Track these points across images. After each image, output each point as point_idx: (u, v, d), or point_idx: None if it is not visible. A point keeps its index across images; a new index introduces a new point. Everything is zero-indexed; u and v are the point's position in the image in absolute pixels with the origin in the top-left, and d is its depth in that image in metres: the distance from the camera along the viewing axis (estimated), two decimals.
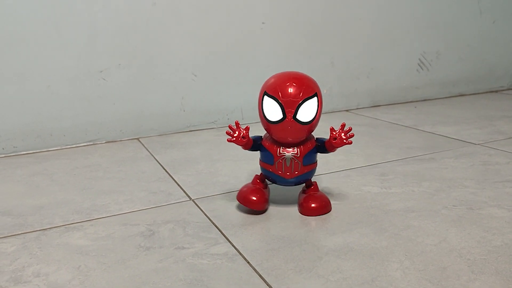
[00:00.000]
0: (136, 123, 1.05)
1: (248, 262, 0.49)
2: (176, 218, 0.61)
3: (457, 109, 1.22)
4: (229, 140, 0.57)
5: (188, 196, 0.68)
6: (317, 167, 0.61)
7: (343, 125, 0.58)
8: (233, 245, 0.52)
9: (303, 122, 0.56)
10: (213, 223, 0.58)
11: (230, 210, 0.62)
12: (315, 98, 0.56)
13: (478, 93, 1.45)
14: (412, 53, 1.33)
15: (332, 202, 0.63)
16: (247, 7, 1.10)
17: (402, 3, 1.28)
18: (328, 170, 0.77)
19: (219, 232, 0.56)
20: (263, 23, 1.12)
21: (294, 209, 0.62)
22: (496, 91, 1.48)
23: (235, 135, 0.57)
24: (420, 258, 0.48)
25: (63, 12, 0.93)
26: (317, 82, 1.22)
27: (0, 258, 0.51)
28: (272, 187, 0.68)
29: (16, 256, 0.52)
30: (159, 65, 1.04)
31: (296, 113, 0.55)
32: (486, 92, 1.46)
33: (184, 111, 1.09)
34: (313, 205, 0.59)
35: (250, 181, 0.63)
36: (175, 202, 0.66)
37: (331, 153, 0.60)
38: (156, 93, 1.05)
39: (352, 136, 0.57)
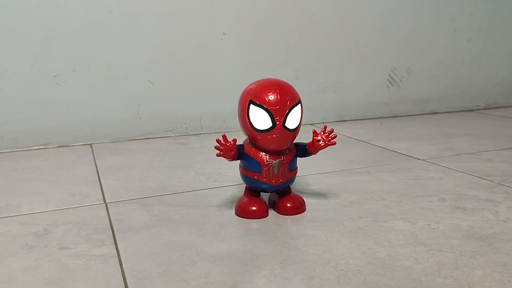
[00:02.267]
0: (90, 128, 1.05)
1: (121, 265, 0.48)
2: (78, 219, 0.60)
3: (423, 126, 1.20)
4: (218, 155, 0.56)
5: (104, 199, 0.68)
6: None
7: (325, 127, 0.59)
8: (116, 248, 0.52)
9: (291, 129, 0.56)
10: (111, 226, 0.58)
11: (136, 214, 0.62)
12: (299, 105, 0.57)
13: (453, 111, 1.43)
14: (381, 69, 1.32)
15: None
16: (208, 17, 1.10)
17: (372, 18, 1.27)
18: None
19: (111, 235, 0.55)
20: (224, 33, 1.13)
21: (199, 212, 0.61)
22: (472, 110, 1.46)
23: (222, 148, 0.56)
24: (294, 267, 0.46)
25: (17, 15, 0.95)
26: None
27: None
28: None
29: None
30: (115, 72, 1.05)
31: (285, 120, 0.55)
32: (462, 111, 1.44)
33: (140, 118, 1.09)
34: (288, 205, 0.60)
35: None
36: (87, 204, 0.66)
37: (315, 153, 0.60)
38: (112, 99, 1.06)
39: (335, 137, 0.58)
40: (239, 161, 0.60)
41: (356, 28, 1.26)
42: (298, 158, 0.61)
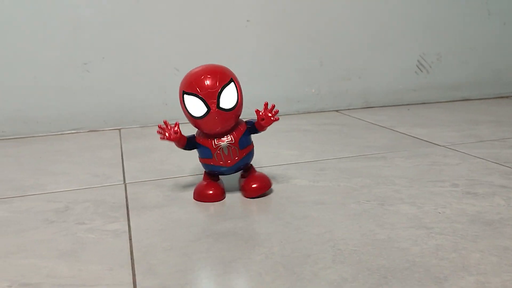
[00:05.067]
0: (119, 114, 1.10)
1: (130, 239, 0.51)
2: (97, 198, 0.64)
3: (450, 113, 1.17)
4: (161, 138, 0.58)
5: (124, 180, 0.71)
6: (254, 150, 0.63)
7: (266, 104, 0.59)
8: (128, 224, 0.55)
9: (228, 109, 0.57)
10: (127, 204, 0.61)
11: (151, 194, 0.65)
12: (232, 83, 0.58)
13: (486, 98, 1.38)
14: (410, 55, 1.29)
15: None
16: (232, 4, 1.12)
17: (399, 3, 1.25)
18: (272, 163, 0.78)
19: (125, 213, 0.58)
20: (247, 20, 1.14)
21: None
22: (507, 97, 1.41)
23: (166, 133, 0.58)
24: (293, 245, 0.48)
25: (49, 6, 1.00)
26: (305, 81, 1.22)
27: None
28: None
29: None
30: (143, 59, 1.09)
31: (219, 102, 0.56)
32: (494, 98, 1.39)
33: (166, 104, 1.12)
34: (254, 185, 0.61)
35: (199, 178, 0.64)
36: (108, 184, 0.70)
37: (262, 132, 0.61)
38: (139, 86, 1.10)
39: (277, 112, 0.59)
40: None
41: (383, 13, 1.24)
42: (254, 134, 0.62)
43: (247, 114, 1.17)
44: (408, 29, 1.27)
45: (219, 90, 0.56)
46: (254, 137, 0.62)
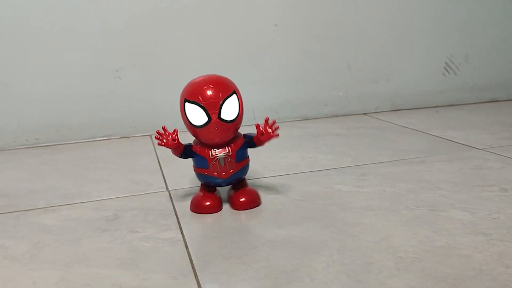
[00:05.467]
0: (149, 120, 1.10)
1: (187, 247, 0.51)
2: (144, 205, 0.64)
3: (481, 115, 1.16)
4: (159, 144, 0.58)
5: (166, 187, 0.72)
6: (250, 163, 0.62)
7: (266, 119, 0.59)
8: (181, 232, 0.55)
9: (228, 120, 0.57)
10: (175, 212, 0.61)
11: None
12: (234, 95, 0.58)
13: None
14: (437, 56, 1.29)
15: (295, 198, 0.64)
16: (259, 9, 1.12)
17: (426, 5, 1.24)
18: (311, 169, 0.77)
19: (176, 220, 0.59)
20: (275, 25, 1.14)
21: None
22: None
23: (164, 140, 0.57)
24: (352, 253, 0.48)
25: (81, 14, 1.01)
26: (332, 84, 1.22)
27: None
28: None
29: None
30: (171, 65, 1.09)
31: (220, 112, 0.56)
32: None
33: None
34: (242, 199, 0.61)
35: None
36: (151, 192, 0.70)
37: (262, 145, 0.60)
38: (169, 92, 1.10)
39: (277, 128, 0.58)
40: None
41: (410, 15, 1.23)
42: (250, 148, 0.61)
43: (275, 118, 1.17)
44: (435, 31, 1.26)
45: (221, 101, 0.56)
46: (287, 142, 0.62)
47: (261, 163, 0.81)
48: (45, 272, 0.47)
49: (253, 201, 0.61)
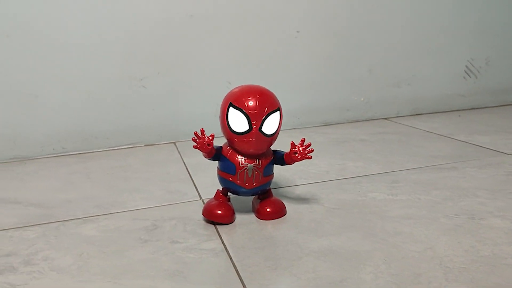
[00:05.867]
0: (173, 128, 1.11)
1: (231, 258, 0.51)
2: (182, 215, 0.65)
3: (504, 119, 1.16)
4: (194, 147, 0.58)
5: (200, 196, 0.72)
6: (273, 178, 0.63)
7: (303, 140, 0.60)
8: (222, 242, 0.55)
9: (267, 134, 0.58)
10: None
11: None
12: (278, 112, 0.58)
13: None
14: (458, 60, 1.28)
15: (331, 207, 0.64)
16: (281, 17, 1.13)
17: (446, 9, 1.24)
18: (341, 176, 0.78)
19: (215, 230, 0.59)
20: (297, 32, 1.15)
21: (291, 208, 0.63)
22: None
23: (199, 141, 0.58)
24: (398, 263, 0.48)
25: (106, 24, 1.02)
26: (354, 90, 1.22)
27: (20, 243, 0.58)
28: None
29: (34, 242, 0.58)
30: (195, 73, 1.10)
31: (262, 125, 0.57)
32: None
33: (218, 117, 1.13)
34: (268, 209, 0.61)
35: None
36: (186, 201, 0.71)
37: (291, 164, 0.61)
38: (192, 100, 1.11)
39: (311, 151, 0.58)
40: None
41: (430, 20, 1.23)
42: (275, 165, 0.62)
43: (296, 124, 1.17)
44: (455, 34, 1.26)
45: (265, 115, 0.57)
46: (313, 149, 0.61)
47: (290, 170, 0.82)
48: (95, 284, 0.47)
49: (279, 212, 0.62)
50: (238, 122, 0.57)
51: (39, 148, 1.04)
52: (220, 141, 0.64)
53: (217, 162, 0.62)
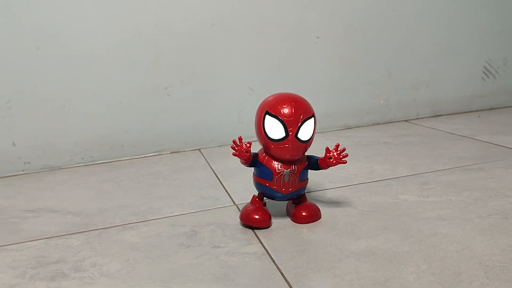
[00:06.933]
0: (198, 134, 1.13)
1: (274, 261, 0.53)
2: (219, 220, 0.67)
3: None
4: (233, 154, 0.60)
5: (233, 201, 0.74)
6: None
7: (337, 145, 0.61)
8: (263, 246, 0.57)
9: (303, 140, 0.59)
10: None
11: None
12: (312, 119, 0.60)
13: None
14: (476, 61, 1.29)
15: (364, 209, 0.66)
16: (301, 23, 1.15)
17: (464, 10, 1.25)
18: (370, 179, 0.79)
19: (254, 234, 0.61)
20: (317, 37, 1.17)
21: (326, 211, 0.65)
22: None
23: (237, 148, 0.59)
24: (438, 263, 0.49)
25: (131, 35, 1.05)
26: (374, 93, 1.24)
27: (67, 250, 0.60)
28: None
29: (79, 249, 0.60)
30: (218, 81, 1.12)
31: (298, 132, 0.59)
32: None
33: (241, 123, 1.16)
34: (304, 213, 0.63)
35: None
36: (220, 206, 0.73)
37: (326, 168, 0.62)
38: (215, 106, 1.13)
39: (346, 156, 0.60)
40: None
41: (448, 21, 1.25)
42: (309, 170, 0.63)
43: (318, 128, 1.19)
44: (473, 36, 1.27)
45: (301, 122, 0.59)
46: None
47: (319, 175, 0.83)
48: None
49: (315, 215, 0.64)
50: (275, 129, 0.59)
51: (68, 158, 1.06)
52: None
53: (247, 168, 0.64)
